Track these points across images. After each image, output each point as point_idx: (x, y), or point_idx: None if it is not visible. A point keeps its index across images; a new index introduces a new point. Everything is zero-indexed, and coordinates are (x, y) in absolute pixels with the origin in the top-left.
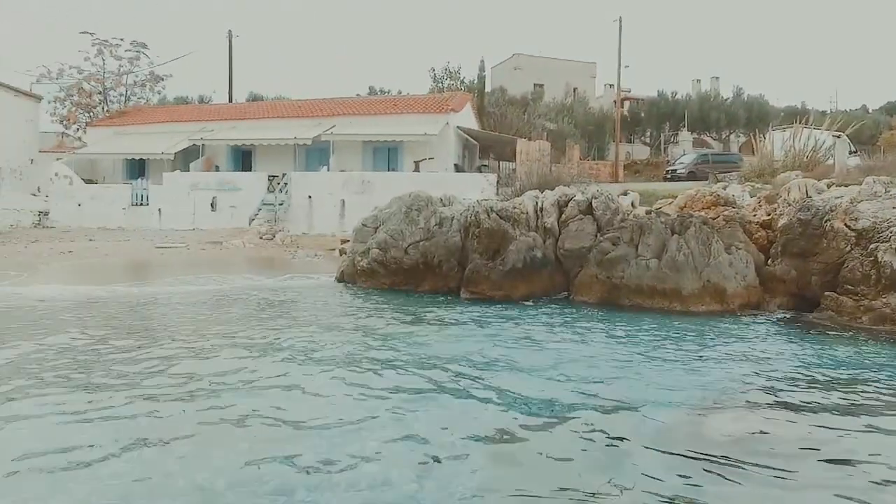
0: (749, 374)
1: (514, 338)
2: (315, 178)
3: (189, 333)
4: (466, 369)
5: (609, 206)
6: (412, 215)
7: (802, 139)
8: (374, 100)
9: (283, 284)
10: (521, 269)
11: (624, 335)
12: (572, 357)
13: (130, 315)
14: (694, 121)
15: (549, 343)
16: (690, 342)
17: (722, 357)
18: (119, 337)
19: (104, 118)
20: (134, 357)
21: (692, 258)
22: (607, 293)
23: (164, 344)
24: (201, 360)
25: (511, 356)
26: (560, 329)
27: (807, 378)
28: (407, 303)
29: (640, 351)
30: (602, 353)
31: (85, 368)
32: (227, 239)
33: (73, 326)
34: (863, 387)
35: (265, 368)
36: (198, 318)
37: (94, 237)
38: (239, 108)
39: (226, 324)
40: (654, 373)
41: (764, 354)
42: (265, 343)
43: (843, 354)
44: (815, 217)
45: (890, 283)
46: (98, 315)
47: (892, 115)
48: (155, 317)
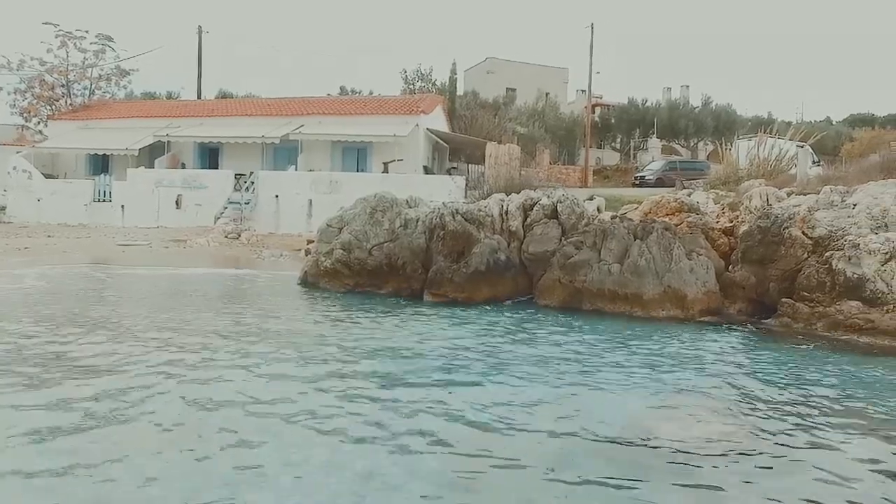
0: (697, 380)
1: (466, 341)
2: (283, 178)
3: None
4: (407, 374)
5: (574, 210)
6: (377, 216)
7: (767, 148)
8: (344, 100)
9: (242, 276)
10: (484, 272)
11: (578, 340)
12: (522, 359)
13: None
14: (663, 128)
15: (502, 347)
16: (643, 348)
17: (673, 364)
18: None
19: (67, 112)
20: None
21: (654, 263)
22: (570, 297)
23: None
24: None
25: (457, 360)
26: (515, 332)
27: (752, 385)
28: (364, 305)
29: (592, 356)
30: (553, 355)
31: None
32: (191, 237)
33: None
34: (807, 395)
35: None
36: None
37: (54, 234)
38: (207, 105)
39: (171, 311)
40: (603, 378)
41: (714, 362)
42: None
43: (793, 362)
44: (774, 224)
45: (843, 290)
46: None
47: (854, 128)
48: (105, 299)
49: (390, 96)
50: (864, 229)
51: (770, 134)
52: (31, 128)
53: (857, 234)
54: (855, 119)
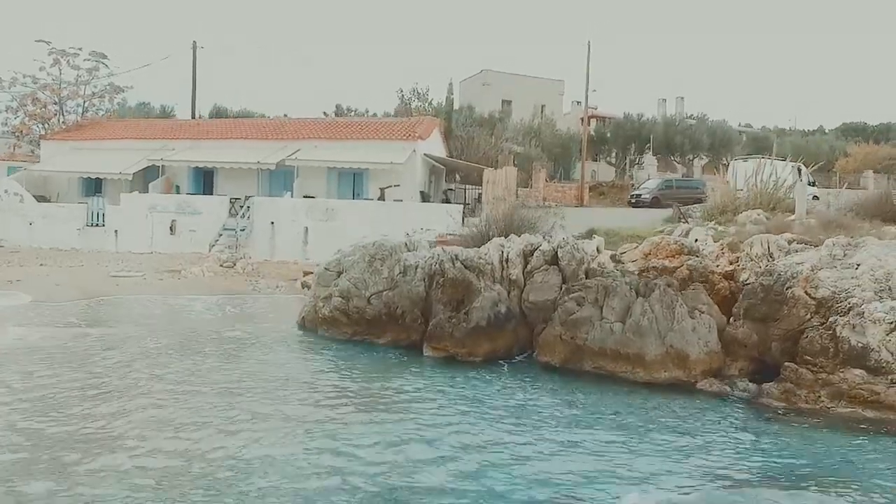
0: (692, 469)
1: (460, 414)
2: (278, 204)
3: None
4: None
5: (574, 255)
6: (375, 265)
7: (764, 175)
8: (339, 122)
9: (241, 331)
10: (485, 327)
11: (573, 419)
12: (516, 441)
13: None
14: (659, 144)
15: (496, 424)
16: (639, 426)
17: (668, 449)
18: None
19: (59, 132)
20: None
21: (656, 323)
22: (571, 354)
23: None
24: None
25: (445, 436)
26: (512, 404)
27: (742, 475)
28: (362, 361)
29: (586, 438)
30: (545, 439)
31: None
32: (185, 267)
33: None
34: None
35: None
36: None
37: (46, 261)
38: (201, 126)
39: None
40: (592, 460)
41: (710, 449)
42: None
43: (791, 451)
44: (777, 283)
45: (847, 357)
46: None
47: (848, 137)
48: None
49: (387, 119)
50: (867, 292)
51: (766, 155)
52: (22, 146)
53: (860, 298)
54: (848, 128)
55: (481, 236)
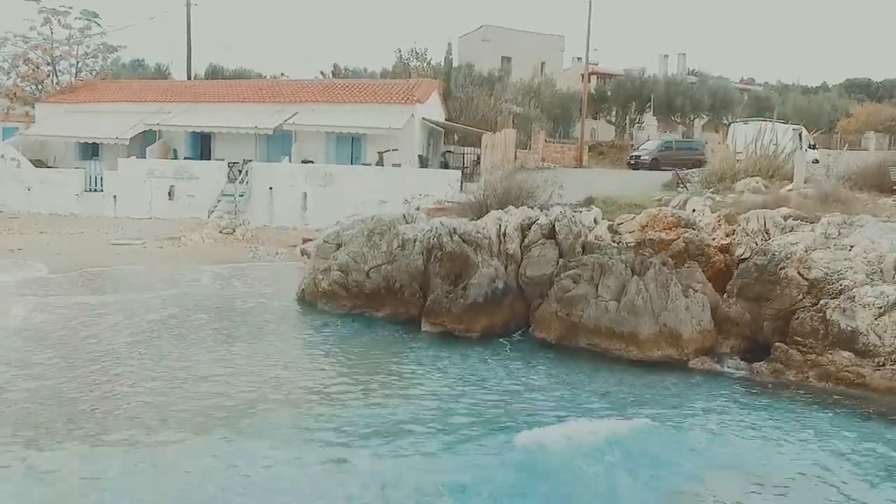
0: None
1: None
2: (276, 170)
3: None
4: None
5: (571, 229)
6: (374, 239)
7: (764, 140)
8: (337, 84)
9: (240, 307)
10: (482, 304)
11: (568, 394)
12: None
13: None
14: (659, 104)
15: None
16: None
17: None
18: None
19: (54, 94)
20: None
21: (650, 302)
22: (566, 331)
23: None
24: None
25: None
26: (508, 385)
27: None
28: (362, 339)
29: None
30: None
31: None
32: (185, 233)
33: None
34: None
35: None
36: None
37: (46, 227)
38: (198, 88)
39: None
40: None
41: (704, 428)
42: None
43: (783, 429)
44: (771, 263)
45: (836, 340)
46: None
47: (851, 94)
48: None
49: (385, 81)
50: (859, 274)
51: (767, 117)
52: (16, 108)
53: (852, 280)
54: (851, 84)
55: (479, 205)
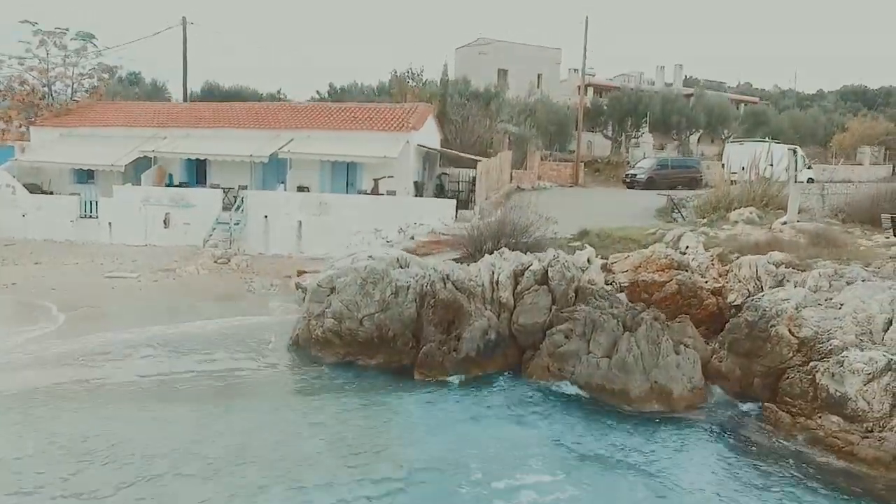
0: None
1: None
2: (271, 198)
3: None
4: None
5: (564, 274)
6: (367, 288)
7: (760, 165)
8: (333, 108)
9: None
10: (474, 357)
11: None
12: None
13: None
14: (655, 121)
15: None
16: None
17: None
18: None
19: (48, 116)
20: None
21: (641, 360)
22: (558, 384)
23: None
24: None
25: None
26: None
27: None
28: (353, 385)
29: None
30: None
31: None
32: (180, 264)
33: None
34: None
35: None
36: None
37: (41, 257)
38: (193, 111)
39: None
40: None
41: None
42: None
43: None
44: (762, 319)
45: (825, 404)
46: None
47: (847, 102)
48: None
49: (380, 105)
50: (849, 335)
51: (762, 137)
52: (11, 131)
53: (842, 340)
54: (847, 91)
55: (473, 241)
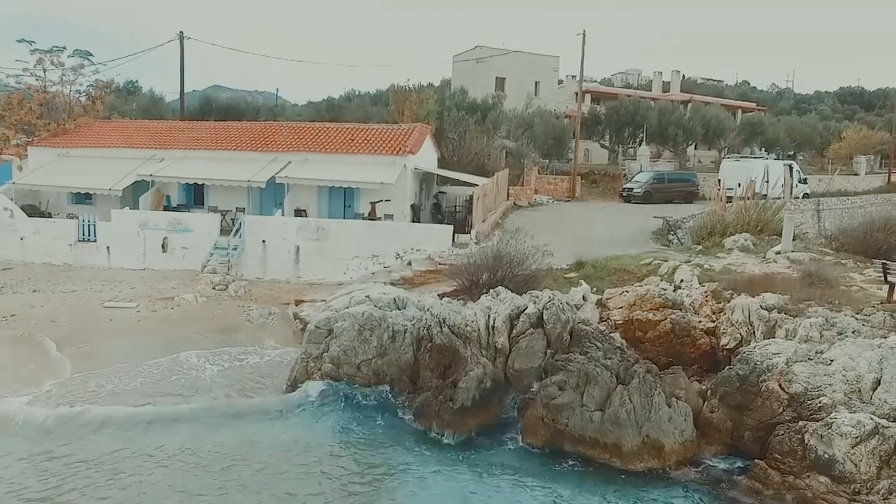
0: None
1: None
2: (269, 223)
3: None
4: None
5: (560, 317)
6: (365, 334)
7: (757, 181)
8: (330, 130)
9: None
10: (470, 407)
11: None
12: None
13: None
14: (652, 133)
15: None
16: None
17: None
18: None
19: (46, 136)
20: None
21: (634, 414)
22: (553, 437)
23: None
24: None
25: None
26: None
27: None
28: (354, 437)
29: None
30: None
31: None
32: (178, 291)
33: None
34: None
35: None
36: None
37: (39, 283)
38: (190, 131)
39: None
40: None
41: None
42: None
43: None
44: (753, 374)
45: (814, 465)
46: None
47: (845, 105)
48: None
49: (378, 127)
50: (838, 393)
51: (757, 152)
52: (9, 148)
53: (831, 398)
54: (844, 93)
55: (470, 275)
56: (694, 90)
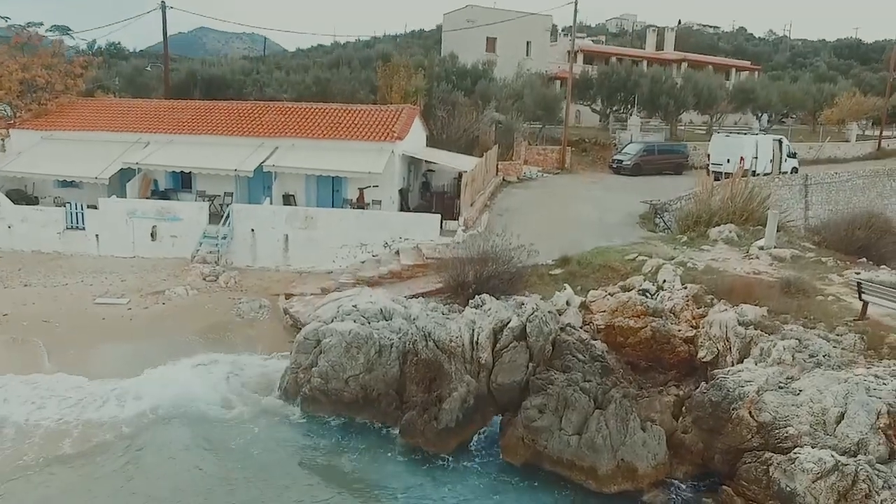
0: None
1: None
2: (257, 212)
3: None
4: None
5: (542, 329)
6: (352, 352)
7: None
8: (318, 111)
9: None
10: (454, 427)
11: None
12: None
13: None
14: (644, 101)
15: None
16: None
17: None
18: None
19: (28, 118)
20: None
21: (609, 439)
22: (532, 457)
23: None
24: None
25: None
26: None
27: None
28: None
29: None
30: None
31: None
32: (169, 283)
33: None
34: None
35: None
36: None
37: (30, 276)
38: (175, 113)
39: None
40: None
41: None
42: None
43: None
44: (725, 401)
45: (776, 495)
46: None
47: (841, 59)
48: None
49: (366, 108)
50: (804, 425)
51: (749, 128)
52: None
53: (797, 430)
54: (842, 45)
55: (457, 276)
56: (689, 38)
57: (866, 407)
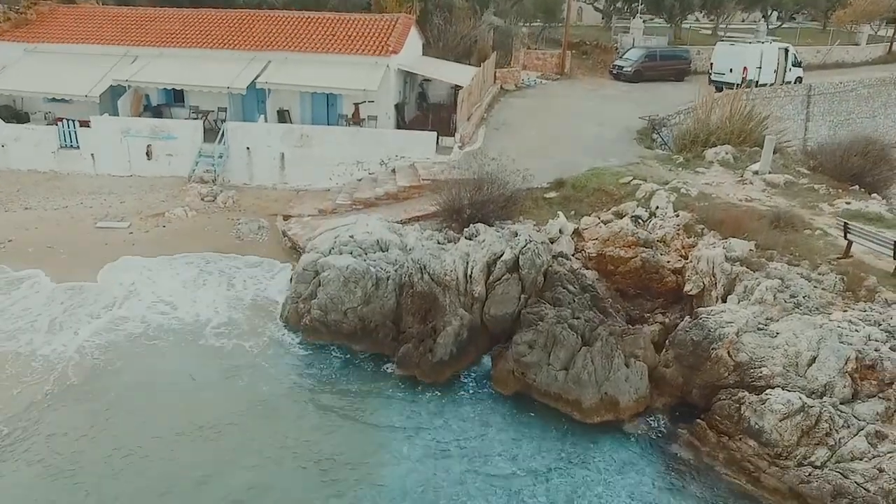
0: None
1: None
2: (252, 130)
3: None
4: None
5: (535, 262)
6: (350, 286)
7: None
8: (311, 21)
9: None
10: (448, 360)
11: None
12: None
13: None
14: (648, 2)
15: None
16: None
17: None
18: None
19: (8, 28)
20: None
21: (594, 375)
22: (521, 388)
23: None
24: None
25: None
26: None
27: None
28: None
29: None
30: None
31: None
32: (168, 206)
33: None
34: None
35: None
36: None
37: (29, 197)
38: (163, 23)
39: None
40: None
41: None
42: None
43: None
44: (706, 340)
45: (745, 431)
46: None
47: None
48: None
49: (360, 17)
50: (777, 366)
51: (755, 38)
52: None
53: (770, 369)
54: None
55: (451, 202)
56: None
57: (837, 353)
